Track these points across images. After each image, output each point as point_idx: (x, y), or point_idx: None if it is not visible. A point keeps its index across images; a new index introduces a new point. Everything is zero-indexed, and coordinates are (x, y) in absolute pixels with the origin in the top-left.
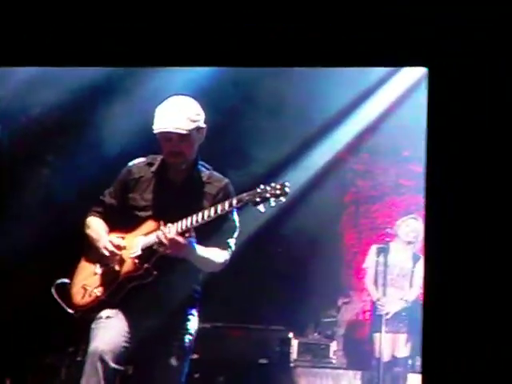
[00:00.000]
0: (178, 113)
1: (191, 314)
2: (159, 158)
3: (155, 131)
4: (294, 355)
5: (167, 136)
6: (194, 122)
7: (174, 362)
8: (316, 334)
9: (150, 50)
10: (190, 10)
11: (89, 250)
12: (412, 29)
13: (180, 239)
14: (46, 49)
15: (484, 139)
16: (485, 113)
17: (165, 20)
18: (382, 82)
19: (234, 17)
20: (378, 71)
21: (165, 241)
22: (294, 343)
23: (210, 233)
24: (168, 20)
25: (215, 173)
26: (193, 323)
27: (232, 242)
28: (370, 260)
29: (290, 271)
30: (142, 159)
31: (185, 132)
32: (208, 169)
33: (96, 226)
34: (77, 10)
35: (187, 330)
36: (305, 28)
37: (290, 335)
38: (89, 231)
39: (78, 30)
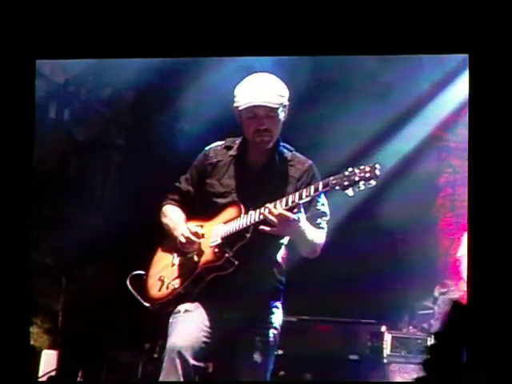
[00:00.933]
0: (265, 87)
1: (275, 307)
2: (238, 140)
3: (240, 107)
4: (387, 350)
5: (254, 112)
6: (282, 97)
7: (257, 357)
8: (411, 328)
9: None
10: None
11: (166, 239)
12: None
13: (289, 214)
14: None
15: None
16: None
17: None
18: None
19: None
20: None
21: (271, 217)
22: (387, 337)
23: None
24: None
25: (298, 154)
26: (277, 316)
27: (324, 224)
28: (464, 248)
29: (380, 260)
30: (219, 143)
31: (274, 106)
32: (290, 150)
33: (173, 214)
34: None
35: (271, 323)
36: (361, 19)
37: (383, 329)
38: (165, 220)
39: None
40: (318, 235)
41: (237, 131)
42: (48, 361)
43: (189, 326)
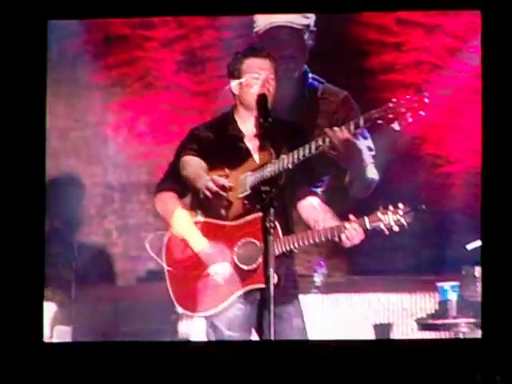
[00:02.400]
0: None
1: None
2: (261, 74)
3: (260, 31)
4: None
5: (277, 34)
6: (307, 18)
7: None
8: None
9: None
10: None
11: (186, 193)
12: None
13: (356, 141)
14: None
15: None
16: None
17: None
18: None
19: None
20: None
21: (337, 142)
22: None
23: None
24: None
25: (330, 85)
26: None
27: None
28: None
29: None
30: (237, 81)
31: (299, 27)
32: (321, 82)
33: (193, 166)
34: None
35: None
36: None
37: None
38: (185, 172)
39: None
40: (372, 170)
41: None
42: (60, 338)
43: (221, 295)
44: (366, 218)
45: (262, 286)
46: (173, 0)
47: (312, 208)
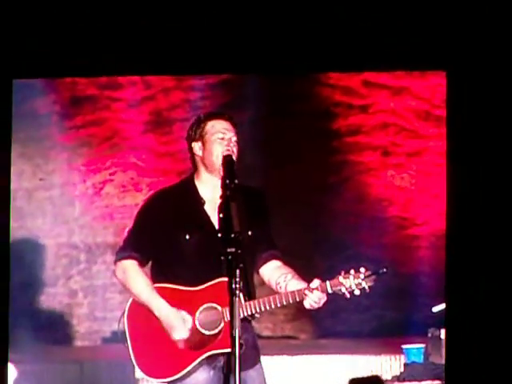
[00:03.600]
0: None
1: None
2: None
3: None
4: None
5: None
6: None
7: None
8: None
9: None
10: None
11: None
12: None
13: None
14: None
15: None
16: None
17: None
18: None
19: None
20: None
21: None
22: None
23: None
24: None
25: None
26: None
27: None
28: None
29: None
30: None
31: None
32: None
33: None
34: None
35: None
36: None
37: None
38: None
39: None
40: None
41: None
42: None
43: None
44: (328, 283)
45: (225, 350)
46: (140, 60)
47: (273, 271)
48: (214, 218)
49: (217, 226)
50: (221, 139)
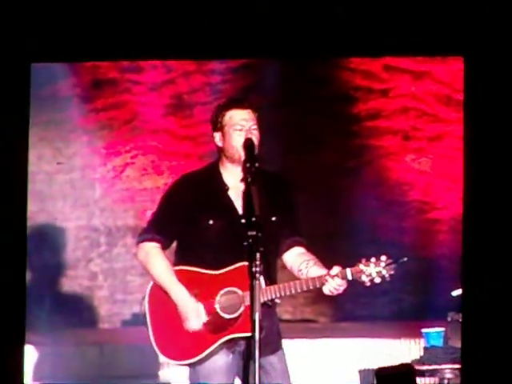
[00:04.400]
0: None
1: None
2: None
3: None
4: None
5: None
6: None
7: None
8: None
9: None
10: None
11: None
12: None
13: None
14: None
15: None
16: None
17: None
18: None
19: None
20: None
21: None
22: None
23: None
24: None
25: None
26: None
27: None
28: None
29: None
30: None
31: None
32: None
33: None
34: None
35: None
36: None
37: None
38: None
39: None
40: None
41: None
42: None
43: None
44: (349, 270)
45: (244, 334)
46: (162, 44)
47: (296, 257)
48: (238, 204)
49: (240, 212)
50: (239, 130)
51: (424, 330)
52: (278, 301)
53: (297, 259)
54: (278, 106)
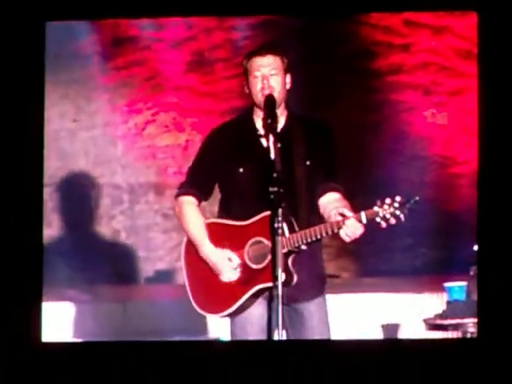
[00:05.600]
0: None
1: None
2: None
3: None
4: None
5: None
6: None
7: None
8: None
9: None
10: None
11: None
12: None
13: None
14: None
15: None
16: None
17: None
18: None
19: None
20: None
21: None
22: None
23: None
24: None
25: None
26: None
27: None
28: None
29: None
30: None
31: None
32: None
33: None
34: None
35: None
36: None
37: None
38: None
39: None
40: None
41: None
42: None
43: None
44: (363, 213)
45: (272, 284)
46: (182, 0)
47: (328, 203)
48: (269, 149)
49: (272, 157)
50: (255, 77)
51: (446, 284)
52: (303, 247)
53: (328, 205)
54: (297, 62)
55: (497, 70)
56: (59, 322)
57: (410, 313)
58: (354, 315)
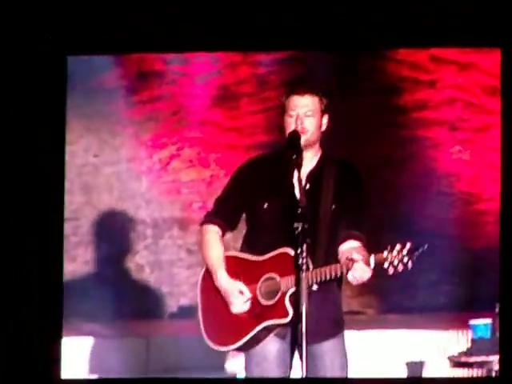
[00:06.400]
0: None
1: None
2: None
3: None
4: None
5: None
6: None
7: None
8: None
9: None
10: None
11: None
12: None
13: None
14: None
15: None
16: None
17: None
18: None
19: None
20: None
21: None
22: None
23: None
24: None
25: None
26: None
27: None
28: None
29: None
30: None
31: None
32: None
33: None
34: None
35: None
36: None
37: None
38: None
39: None
40: None
41: None
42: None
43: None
44: (372, 257)
45: (280, 321)
46: (207, 36)
47: (346, 251)
48: (297, 190)
49: (298, 197)
50: (291, 116)
51: (471, 322)
52: (315, 287)
53: (345, 252)
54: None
55: None
56: (81, 357)
57: (435, 350)
58: (378, 352)
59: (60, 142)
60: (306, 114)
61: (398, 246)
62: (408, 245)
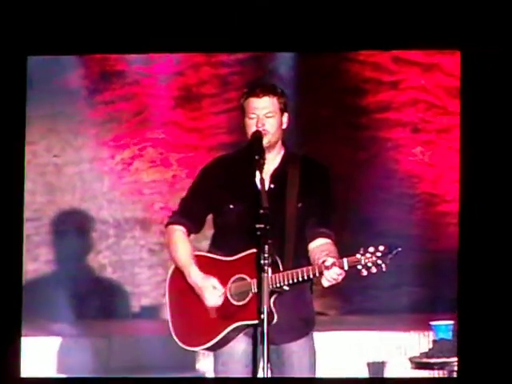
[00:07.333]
0: None
1: None
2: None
3: None
4: None
5: None
6: None
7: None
8: None
9: None
10: None
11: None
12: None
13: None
14: None
15: None
16: None
17: None
18: None
19: None
20: None
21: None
22: None
23: None
24: None
25: None
26: None
27: None
28: None
29: None
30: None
31: None
32: None
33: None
34: None
35: None
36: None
37: None
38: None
39: None
40: None
41: None
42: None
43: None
44: (345, 259)
45: (251, 322)
46: (170, 37)
47: (316, 248)
48: (262, 190)
49: (264, 199)
50: (251, 119)
51: (433, 323)
52: (286, 288)
53: (316, 250)
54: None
55: (479, 108)
56: (42, 356)
57: (396, 351)
58: (339, 353)
59: (20, 142)
60: (266, 116)
61: (371, 249)
62: (381, 247)
